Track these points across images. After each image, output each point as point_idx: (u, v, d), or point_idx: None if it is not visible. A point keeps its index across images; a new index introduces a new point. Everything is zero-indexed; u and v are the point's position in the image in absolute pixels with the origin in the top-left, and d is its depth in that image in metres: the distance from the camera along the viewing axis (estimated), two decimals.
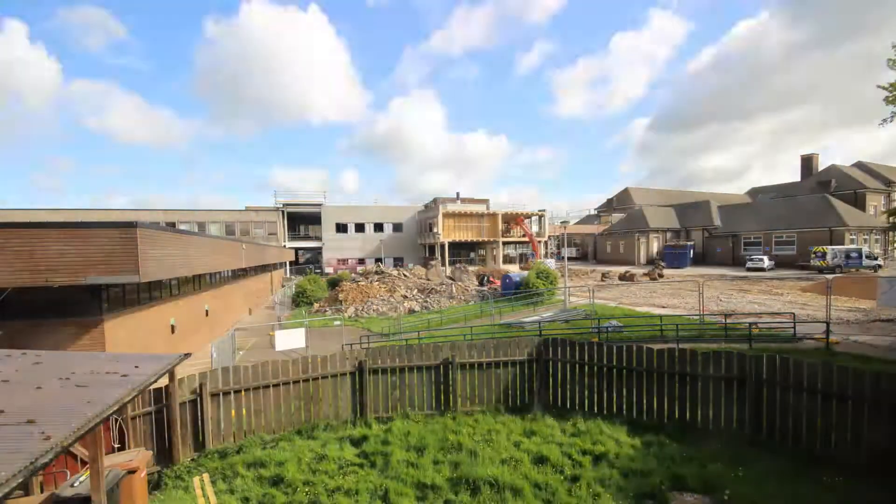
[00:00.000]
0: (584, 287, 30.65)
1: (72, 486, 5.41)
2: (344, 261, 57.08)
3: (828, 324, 14.01)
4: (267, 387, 8.28)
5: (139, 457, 6.02)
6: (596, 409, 8.65)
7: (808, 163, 58.38)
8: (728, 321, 16.37)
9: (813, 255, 39.06)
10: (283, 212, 54.05)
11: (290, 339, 15.20)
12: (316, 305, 32.30)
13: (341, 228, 58.23)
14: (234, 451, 7.70)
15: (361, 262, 56.11)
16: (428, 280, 37.25)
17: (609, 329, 16.25)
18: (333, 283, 38.71)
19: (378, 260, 55.72)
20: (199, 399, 7.81)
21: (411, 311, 28.82)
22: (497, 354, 9.18)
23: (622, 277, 38.36)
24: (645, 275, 39.88)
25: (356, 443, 7.81)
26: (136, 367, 5.92)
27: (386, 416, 8.89)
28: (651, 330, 16.54)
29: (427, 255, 57.70)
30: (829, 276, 25.82)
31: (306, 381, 8.56)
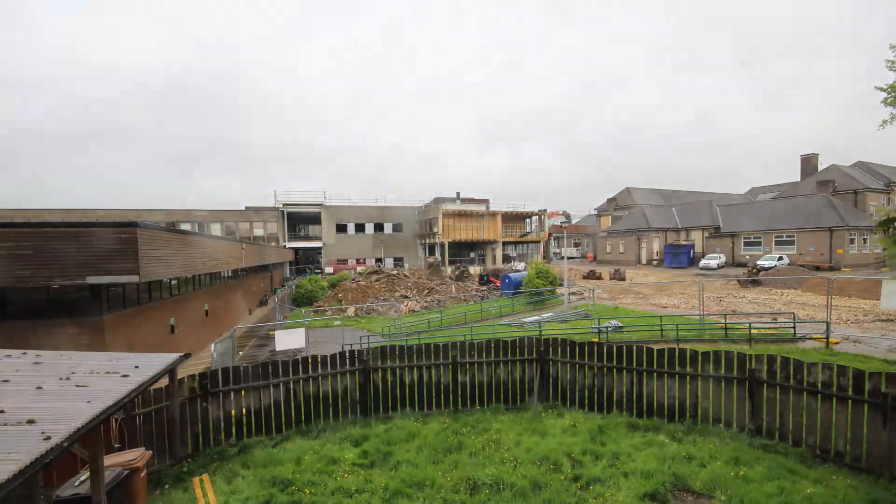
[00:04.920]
0: (584, 287, 30.65)
1: (72, 486, 5.42)
2: (344, 261, 57.06)
3: (828, 324, 14.02)
4: (267, 386, 8.28)
5: (139, 457, 6.02)
6: (596, 408, 8.65)
7: (807, 162, 58.35)
8: (728, 321, 16.38)
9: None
10: (283, 212, 54.02)
11: (291, 339, 15.18)
12: (315, 305, 32.29)
13: (341, 228, 58.20)
14: (234, 451, 7.70)
15: (361, 261, 56.09)
16: (428, 280, 37.24)
17: (609, 329, 16.24)
18: (333, 283, 38.70)
19: (378, 260, 55.77)
20: (199, 399, 7.81)
21: (411, 311, 28.80)
22: (497, 354, 9.18)
23: (612, 277, 38.42)
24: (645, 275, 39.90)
25: (357, 442, 7.81)
26: (137, 367, 5.92)
27: (386, 415, 8.89)
28: (651, 330, 16.54)
29: (427, 255, 57.69)
30: (831, 277, 25.80)
31: (307, 380, 8.56)
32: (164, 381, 7.38)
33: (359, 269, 46.68)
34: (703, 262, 44.60)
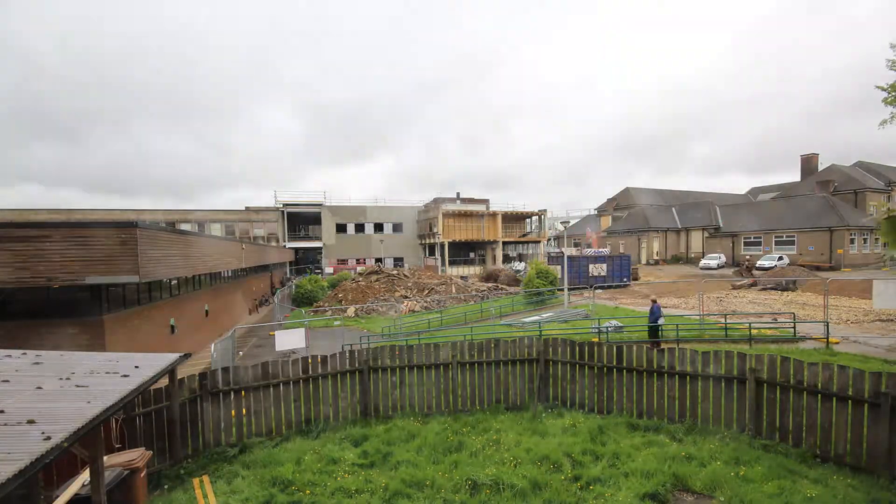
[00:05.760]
0: (584, 287, 30.64)
1: (72, 486, 5.41)
2: (344, 261, 57.07)
3: (826, 324, 14.03)
4: (267, 387, 8.28)
5: (139, 457, 6.02)
6: (596, 408, 8.65)
7: (808, 162, 58.37)
8: (728, 321, 16.38)
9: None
10: (283, 212, 54.02)
11: (291, 339, 15.16)
12: (316, 305, 32.30)
13: (341, 228, 58.23)
14: (234, 451, 7.69)
15: (361, 261, 56.11)
16: (428, 280, 37.22)
17: (609, 329, 16.24)
18: (333, 283, 38.72)
19: (378, 260, 55.74)
20: (199, 399, 7.80)
21: (411, 311, 28.81)
22: (497, 354, 9.18)
23: None
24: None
25: (357, 442, 7.81)
26: (137, 367, 5.92)
27: (386, 415, 8.89)
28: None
29: (427, 255, 57.71)
30: (828, 277, 25.83)
31: (307, 380, 8.56)
32: (165, 381, 7.39)
33: (359, 269, 46.65)
34: (703, 262, 44.66)
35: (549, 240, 63.75)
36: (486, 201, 64.43)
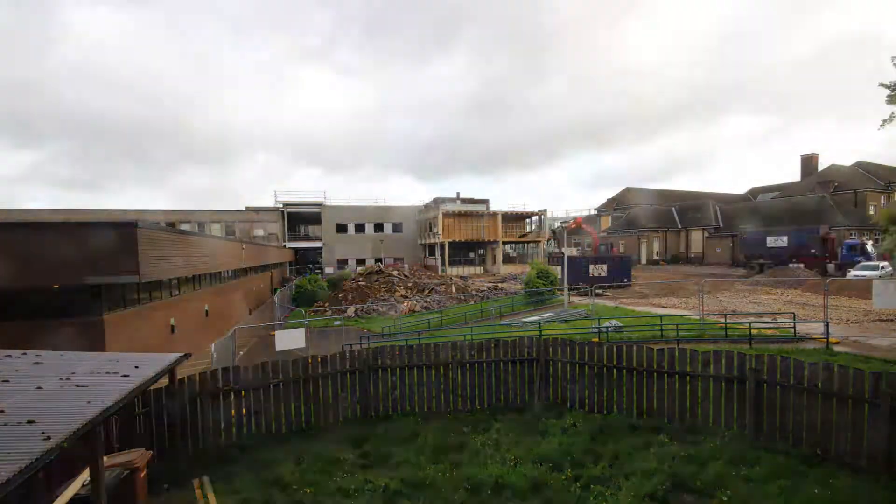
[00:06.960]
0: (584, 287, 30.64)
1: (72, 486, 5.41)
2: (344, 261, 57.06)
3: (826, 324, 14.02)
4: (267, 386, 8.28)
5: (139, 457, 6.02)
6: (596, 408, 8.65)
7: (808, 162, 58.39)
8: (728, 321, 16.38)
9: None
10: (283, 212, 54.02)
11: (291, 339, 15.13)
12: (316, 305, 32.31)
13: (341, 228, 58.19)
14: (234, 451, 7.70)
15: (361, 262, 56.11)
16: (429, 280, 37.24)
17: (609, 329, 16.24)
18: (333, 283, 38.74)
19: (378, 260, 55.72)
20: (199, 399, 7.80)
21: (411, 311, 28.83)
22: (497, 354, 9.17)
23: None
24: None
25: (357, 442, 7.81)
26: (136, 367, 5.93)
27: (386, 415, 8.89)
28: (651, 330, 16.54)
29: (427, 255, 57.73)
30: (828, 277, 25.81)
31: (307, 380, 8.55)
32: (165, 381, 7.38)
33: (359, 269, 46.63)
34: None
35: (549, 240, 63.69)
36: (486, 201, 64.42)
